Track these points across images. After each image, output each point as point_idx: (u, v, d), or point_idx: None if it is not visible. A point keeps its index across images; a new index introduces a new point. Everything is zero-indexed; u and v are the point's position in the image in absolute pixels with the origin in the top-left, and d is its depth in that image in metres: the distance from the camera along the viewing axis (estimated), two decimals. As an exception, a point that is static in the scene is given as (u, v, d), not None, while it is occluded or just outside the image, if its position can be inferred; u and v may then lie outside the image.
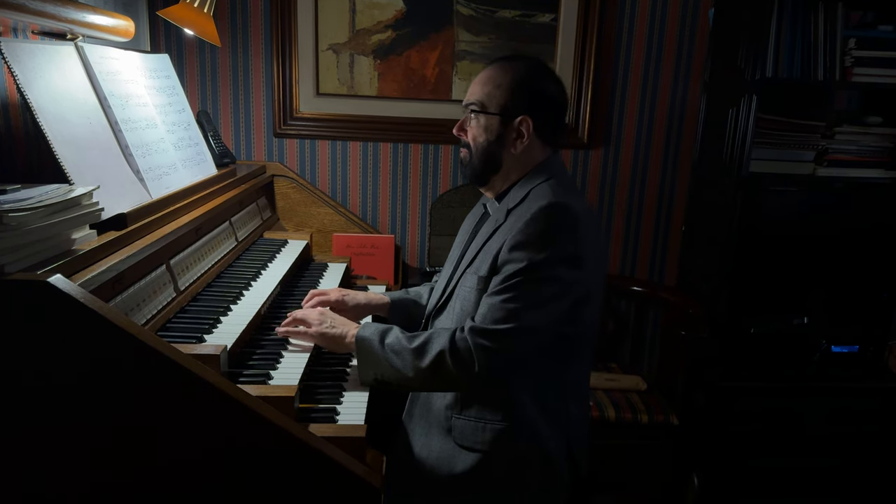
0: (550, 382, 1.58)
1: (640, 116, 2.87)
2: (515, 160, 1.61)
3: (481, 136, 1.60)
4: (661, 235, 2.99)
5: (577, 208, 1.50)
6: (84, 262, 1.21)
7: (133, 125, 1.64)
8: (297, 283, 2.11)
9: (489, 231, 1.60)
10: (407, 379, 1.52)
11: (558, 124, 1.66)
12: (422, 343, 1.51)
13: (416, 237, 2.91)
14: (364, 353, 1.55)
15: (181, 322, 1.51)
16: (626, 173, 2.92)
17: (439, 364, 1.48)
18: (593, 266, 1.54)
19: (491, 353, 1.47)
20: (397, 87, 2.77)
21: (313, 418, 1.42)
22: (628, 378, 2.67)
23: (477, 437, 1.55)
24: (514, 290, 1.47)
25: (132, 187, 1.52)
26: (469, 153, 1.64)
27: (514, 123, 1.57)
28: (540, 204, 1.48)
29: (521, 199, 1.57)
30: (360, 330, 1.57)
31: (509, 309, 1.47)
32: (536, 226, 1.47)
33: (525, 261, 1.46)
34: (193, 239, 1.77)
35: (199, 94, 2.74)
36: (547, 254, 1.46)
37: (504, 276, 1.49)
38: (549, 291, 1.47)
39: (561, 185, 1.57)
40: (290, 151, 2.82)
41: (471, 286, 1.58)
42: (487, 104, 1.58)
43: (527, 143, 1.58)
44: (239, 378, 1.42)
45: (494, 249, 1.54)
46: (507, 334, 1.46)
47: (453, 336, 1.49)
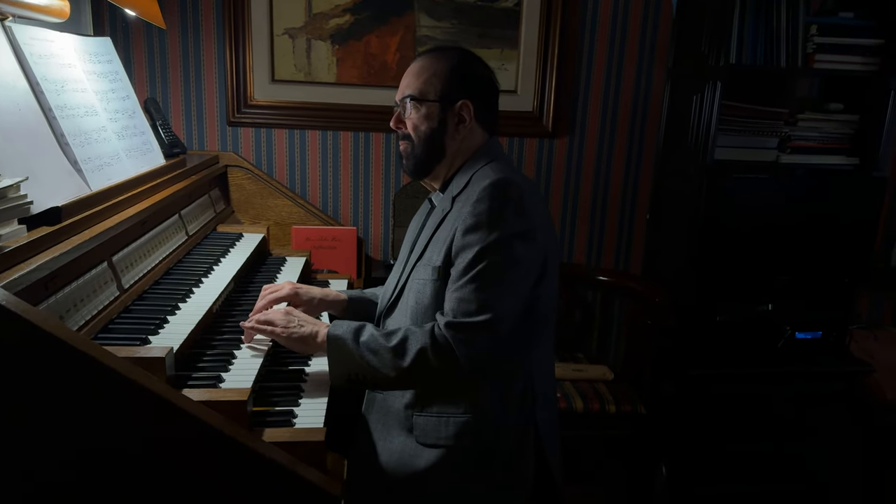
0: (514, 367, 1.54)
1: (605, 104, 2.84)
2: (458, 146, 1.59)
3: (423, 125, 1.57)
4: (627, 224, 2.97)
5: (520, 182, 1.49)
6: (9, 260, 1.11)
7: (70, 112, 1.53)
8: (253, 279, 2.02)
9: (437, 221, 1.56)
10: (386, 378, 1.46)
11: (495, 108, 1.65)
12: (400, 341, 1.45)
13: (380, 229, 2.84)
14: (337, 352, 1.48)
15: (125, 323, 1.41)
16: (590, 162, 2.89)
17: (422, 362, 1.43)
18: (545, 235, 1.52)
19: (471, 347, 1.43)
20: (357, 73, 2.68)
21: (269, 422, 1.34)
22: (595, 368, 2.65)
23: (440, 432, 1.50)
24: (479, 278, 1.43)
25: (68, 179, 1.41)
26: (410, 144, 1.60)
27: (454, 108, 1.56)
28: (483, 184, 1.46)
29: (465, 185, 1.54)
30: (332, 328, 1.50)
31: (480, 300, 1.42)
32: (483, 205, 1.44)
33: (480, 243, 1.43)
34: (139, 234, 1.66)
35: (148, 81, 2.61)
36: (500, 232, 1.43)
37: (464, 265, 1.45)
38: (513, 273, 1.45)
39: (502, 165, 1.56)
40: (245, 141, 2.70)
41: (424, 278, 1.53)
42: (426, 92, 1.56)
43: (469, 126, 1.57)
44: (188, 381, 1.33)
45: (446, 237, 1.50)
46: (482, 326, 1.42)
47: (432, 332, 1.44)
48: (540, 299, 1.52)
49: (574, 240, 2.96)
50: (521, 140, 2.83)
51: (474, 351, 1.43)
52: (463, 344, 1.42)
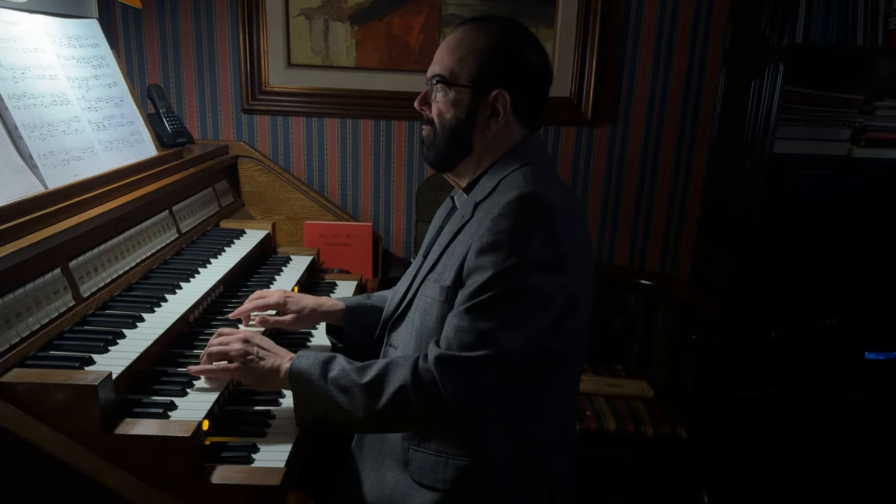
0: (526, 407, 1.33)
1: (652, 89, 2.55)
2: (488, 143, 1.35)
3: (448, 113, 1.33)
4: (675, 224, 2.68)
5: (553, 198, 1.24)
6: None
7: (28, 101, 1.39)
8: (248, 281, 1.86)
9: (454, 229, 1.34)
10: (358, 421, 1.26)
11: (540, 101, 1.39)
12: (375, 377, 1.24)
13: (402, 224, 2.65)
14: (301, 389, 1.28)
15: (73, 338, 1.27)
16: (635, 153, 2.61)
17: (400, 402, 1.22)
18: (578, 265, 1.28)
19: (463, 387, 1.22)
20: (377, 56, 2.48)
21: (224, 458, 1.18)
22: (633, 383, 2.40)
23: (437, 474, 1.30)
24: (484, 308, 1.21)
25: (16, 177, 1.28)
26: (433, 131, 1.37)
27: (488, 98, 1.31)
28: (508, 197, 1.22)
29: (491, 191, 1.31)
30: (296, 361, 1.30)
31: (480, 331, 1.21)
32: (505, 222, 1.21)
33: (494, 267, 1.21)
34: (110, 234, 1.52)
35: (161, 67, 2.49)
36: (519, 258, 1.20)
37: (472, 290, 1.23)
38: (526, 306, 1.22)
39: (537, 172, 1.31)
40: (260, 129, 2.56)
41: (432, 297, 1.32)
42: (458, 74, 1.31)
43: (502, 122, 1.32)
44: (133, 409, 1.18)
45: (459, 253, 1.28)
46: (481, 362, 1.21)
47: (416, 367, 1.23)
48: (563, 335, 1.29)
49: (615, 239, 2.69)
50: (557, 129, 2.58)
51: (465, 391, 1.22)
52: (453, 384, 1.21)
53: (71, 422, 1.07)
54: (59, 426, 1.06)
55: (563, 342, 1.31)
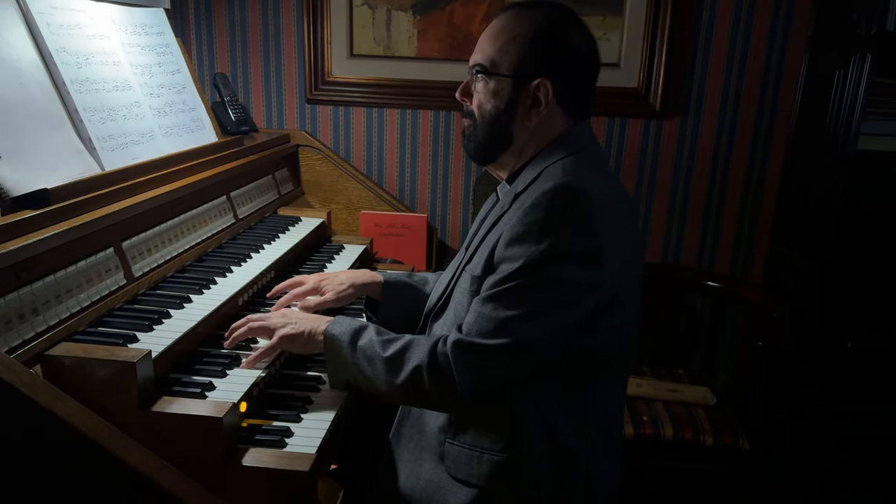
0: (564, 406, 1.28)
1: (727, 80, 2.41)
2: (530, 133, 1.30)
3: (488, 103, 1.29)
4: (748, 223, 2.53)
5: (594, 189, 1.18)
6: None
7: (91, 86, 1.44)
8: (300, 267, 1.88)
9: (493, 220, 1.30)
10: (380, 392, 1.28)
11: (586, 89, 1.32)
12: (396, 352, 1.25)
13: (458, 216, 2.62)
14: (333, 354, 1.31)
15: (122, 316, 1.31)
16: (706, 148, 2.48)
17: (415, 381, 1.22)
18: (619, 262, 1.21)
19: (476, 374, 1.19)
20: (439, 46, 2.46)
21: (257, 441, 1.19)
22: (694, 389, 2.28)
23: (472, 468, 1.27)
24: (507, 296, 1.18)
25: (75, 158, 1.33)
26: (472, 123, 1.33)
27: (529, 88, 1.26)
28: (544, 187, 1.18)
29: (531, 182, 1.26)
30: (330, 325, 1.33)
31: (500, 319, 1.18)
32: (538, 214, 1.17)
33: (522, 258, 1.17)
34: (166, 217, 1.56)
35: (229, 55, 2.55)
36: (549, 248, 1.16)
37: (498, 278, 1.20)
38: (552, 297, 1.17)
39: (581, 163, 1.25)
40: (323, 119, 2.58)
41: (464, 287, 1.30)
42: (498, 63, 1.27)
43: (544, 112, 1.27)
44: (172, 388, 1.20)
45: (492, 243, 1.25)
46: (497, 351, 1.18)
47: (434, 349, 1.22)
48: (600, 335, 1.23)
49: (683, 238, 2.57)
50: (623, 121, 2.48)
51: (479, 379, 1.19)
52: (467, 370, 1.18)
53: (110, 397, 1.10)
54: (99, 400, 1.10)
55: (602, 342, 1.25)
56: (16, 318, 1.08)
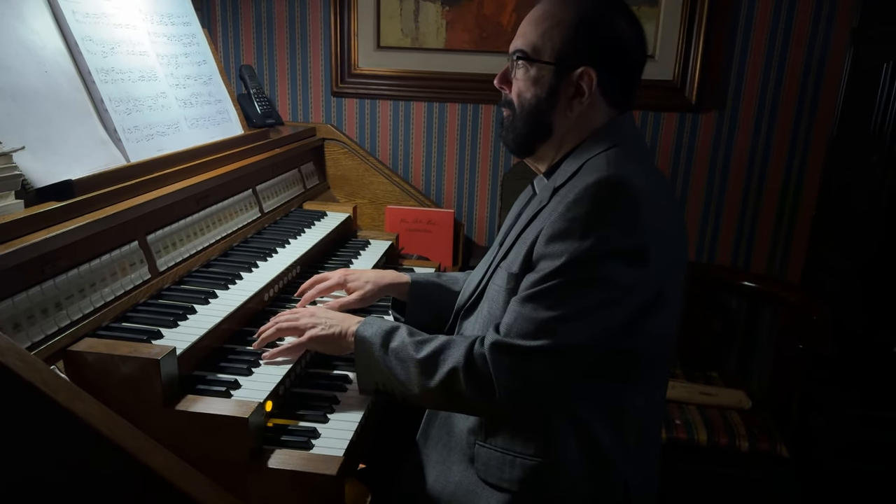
0: (599, 412, 1.22)
1: (766, 73, 2.33)
2: (571, 124, 1.24)
3: (528, 92, 1.23)
4: (786, 221, 2.44)
5: (640, 183, 1.13)
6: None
7: (116, 76, 1.41)
8: (325, 263, 1.84)
9: (530, 215, 1.25)
10: (413, 396, 1.23)
11: (631, 80, 1.26)
12: (431, 354, 1.20)
13: (485, 212, 2.56)
14: (364, 357, 1.26)
15: (146, 311, 1.28)
16: (744, 143, 2.40)
17: (451, 385, 1.18)
18: (664, 261, 1.15)
19: (514, 377, 1.14)
20: (468, 37, 2.40)
21: (283, 442, 1.15)
22: (730, 393, 2.21)
23: (504, 472, 1.23)
24: (548, 296, 1.13)
25: (100, 149, 1.30)
26: (511, 113, 1.28)
27: (571, 76, 1.20)
28: (587, 181, 1.12)
29: (572, 175, 1.20)
30: (361, 326, 1.28)
31: (541, 320, 1.12)
32: (581, 209, 1.11)
33: (565, 255, 1.11)
34: (191, 210, 1.53)
35: (255, 47, 2.52)
36: (594, 246, 1.10)
37: (538, 277, 1.14)
38: (596, 297, 1.12)
39: (625, 155, 1.19)
40: (349, 112, 2.54)
41: (500, 285, 1.25)
42: (541, 49, 1.21)
43: (587, 102, 1.21)
44: (197, 386, 1.17)
45: (531, 239, 1.19)
46: (537, 353, 1.12)
47: (471, 350, 1.17)
48: (642, 336, 1.18)
49: (718, 236, 2.49)
50: (658, 115, 2.41)
51: (517, 382, 1.14)
52: (506, 372, 1.13)
53: (134, 394, 1.07)
54: (122, 398, 1.08)
55: (643, 344, 1.19)
56: (38, 312, 1.05)
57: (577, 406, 1.21)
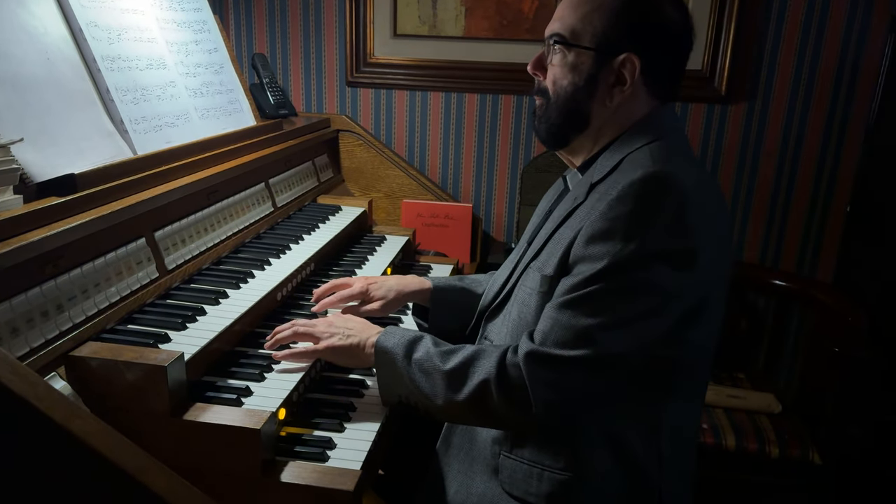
0: (635, 423, 1.15)
1: (800, 62, 2.23)
2: (610, 115, 1.16)
3: (565, 79, 1.16)
4: (818, 218, 2.34)
5: (688, 180, 1.05)
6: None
7: (123, 64, 1.34)
8: (341, 260, 1.77)
9: (564, 212, 1.16)
10: (438, 409, 1.16)
11: (676, 68, 1.18)
12: (459, 365, 1.12)
13: (504, 207, 2.48)
14: (386, 368, 1.19)
15: (154, 313, 1.21)
16: (775, 135, 2.30)
17: (482, 398, 1.10)
18: (711, 263, 1.07)
19: (552, 389, 1.07)
20: (488, 25, 2.31)
21: (297, 453, 1.08)
22: (758, 396, 2.12)
23: (530, 486, 1.16)
24: (588, 302, 1.05)
25: (104, 141, 1.23)
26: (545, 102, 1.20)
27: (613, 63, 1.12)
28: (632, 177, 1.04)
29: (611, 170, 1.12)
30: (381, 337, 1.21)
31: (581, 328, 1.05)
32: (625, 207, 1.03)
33: (606, 258, 1.03)
34: (201, 205, 1.46)
35: (268, 35, 2.45)
36: (638, 248, 1.02)
37: (577, 281, 1.06)
38: (641, 304, 1.04)
39: (669, 148, 1.11)
40: (364, 103, 2.46)
41: (532, 287, 1.16)
42: (580, 34, 1.13)
43: (628, 91, 1.13)
44: (206, 393, 1.10)
45: (567, 239, 1.11)
46: (577, 364, 1.05)
47: (503, 360, 1.10)
48: (684, 345, 1.10)
49: (745, 233, 2.40)
50: (685, 106, 2.32)
51: (556, 395, 1.06)
52: (542, 385, 1.06)
53: (140, 403, 1.01)
54: (127, 406, 1.02)
55: (685, 353, 1.11)
56: (38, 315, 0.99)
57: (612, 417, 1.13)
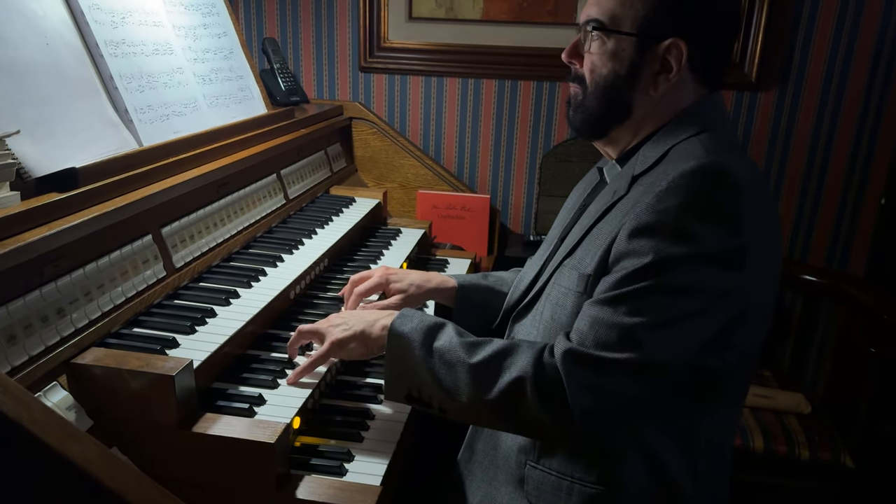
0: (671, 432, 1.07)
1: (834, 47, 2.12)
2: (653, 105, 1.07)
3: (605, 67, 1.07)
4: (850, 210, 2.25)
5: (742, 174, 0.96)
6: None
7: (128, 49, 1.27)
8: (355, 255, 1.70)
9: (603, 206, 1.08)
10: (459, 407, 1.06)
11: (724, 54, 1.09)
12: (488, 358, 1.02)
13: (522, 197, 2.40)
14: (398, 356, 1.08)
15: (161, 314, 1.15)
16: (806, 123, 2.20)
17: (513, 397, 1.01)
18: (761, 262, 0.99)
19: (593, 394, 0.98)
20: (507, 7, 2.22)
21: (314, 466, 1.02)
22: (787, 396, 2.04)
23: (559, 499, 1.08)
24: (632, 299, 0.96)
25: (107, 131, 1.16)
26: (582, 90, 1.11)
27: (657, 50, 1.03)
28: (682, 168, 0.96)
29: (655, 162, 1.04)
30: (397, 319, 1.10)
31: (625, 327, 0.96)
32: (675, 199, 0.95)
33: (652, 253, 0.95)
34: (211, 199, 1.39)
35: (279, 19, 2.36)
36: (688, 245, 0.94)
37: (620, 277, 0.98)
38: (688, 304, 0.96)
39: (718, 140, 1.03)
40: (377, 89, 2.38)
41: (568, 286, 1.07)
42: (620, 19, 1.04)
43: (674, 80, 1.04)
44: (217, 402, 1.04)
45: (608, 235, 1.02)
46: (621, 367, 0.96)
47: (539, 358, 1.01)
48: (729, 350, 1.01)
49: (773, 226, 2.30)
50: (712, 94, 2.22)
51: (596, 400, 0.98)
52: (582, 388, 0.97)
53: (146, 414, 0.95)
54: (133, 418, 0.96)
55: (728, 360, 1.03)
56: (37, 320, 0.92)
57: (646, 429, 1.06)
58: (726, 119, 1.11)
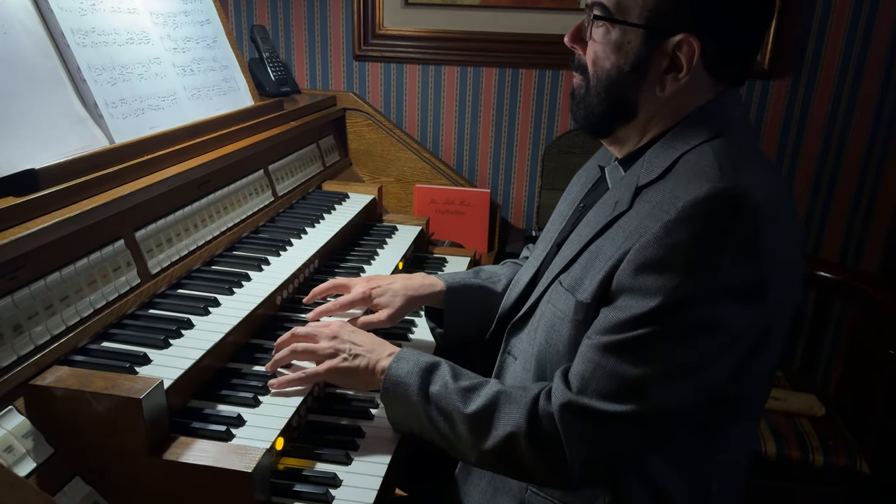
0: (677, 462, 0.99)
1: (851, 34, 2.03)
2: (661, 105, 0.97)
3: (608, 59, 0.97)
4: (865, 204, 2.16)
5: (761, 195, 0.86)
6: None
7: (98, 38, 1.18)
8: (347, 255, 1.62)
9: (603, 220, 0.97)
10: (459, 451, 1.02)
11: (748, 48, 0.97)
12: (482, 409, 0.97)
13: (523, 191, 2.31)
14: (397, 400, 1.04)
15: (133, 326, 1.06)
16: (820, 114, 2.11)
17: (508, 451, 0.95)
18: (785, 291, 0.91)
19: (593, 447, 0.91)
20: (508, -8, 2.12)
21: (297, 493, 0.94)
22: (799, 397, 1.96)
23: None
24: (639, 347, 0.88)
25: (74, 128, 1.07)
26: (584, 83, 1.01)
27: (666, 45, 0.93)
28: (693, 194, 0.85)
29: (663, 172, 0.93)
30: (393, 364, 1.05)
31: (629, 379, 0.88)
32: (686, 232, 0.85)
33: (661, 294, 0.85)
34: (191, 198, 1.30)
35: (269, 4, 2.26)
36: (701, 285, 0.85)
37: (624, 319, 0.88)
38: (701, 349, 0.88)
39: (734, 148, 0.92)
40: (372, 78, 2.28)
41: (563, 312, 0.98)
42: (626, 6, 0.93)
43: (685, 79, 0.94)
44: (192, 424, 0.95)
45: (608, 258, 0.92)
46: (623, 419, 0.89)
47: (534, 408, 0.94)
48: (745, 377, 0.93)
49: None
50: (722, 82, 2.12)
51: (595, 453, 0.91)
52: (580, 441, 0.90)
53: (112, 440, 0.87)
54: (99, 444, 0.87)
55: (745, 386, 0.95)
56: (-10, 339, 0.84)
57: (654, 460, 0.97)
58: (742, 119, 1.00)
